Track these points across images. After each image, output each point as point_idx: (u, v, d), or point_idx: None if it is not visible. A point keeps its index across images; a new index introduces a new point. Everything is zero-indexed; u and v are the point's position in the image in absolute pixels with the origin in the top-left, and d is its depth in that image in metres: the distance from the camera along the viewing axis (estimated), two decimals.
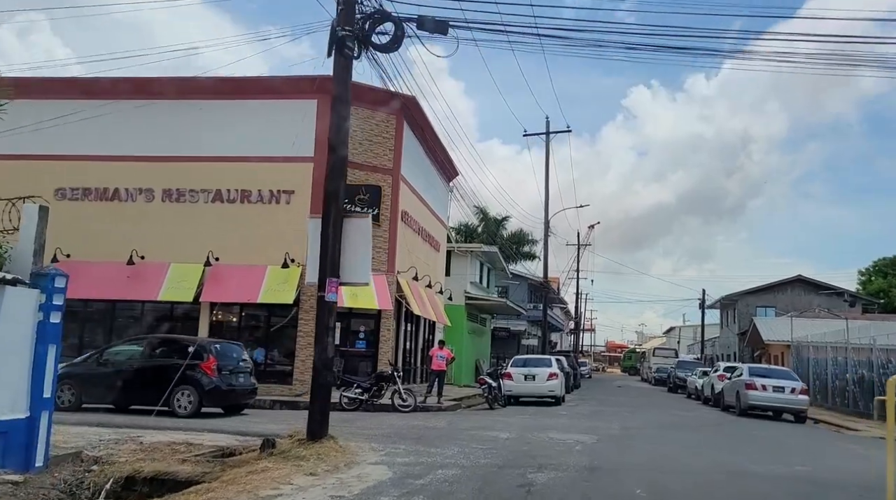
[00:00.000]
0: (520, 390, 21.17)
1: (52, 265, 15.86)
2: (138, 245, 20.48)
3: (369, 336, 21.53)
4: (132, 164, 21.10)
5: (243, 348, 16.03)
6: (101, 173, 21.10)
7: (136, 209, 20.99)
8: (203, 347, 14.54)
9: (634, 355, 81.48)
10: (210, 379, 14.20)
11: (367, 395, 17.03)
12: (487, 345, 39.14)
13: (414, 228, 24.34)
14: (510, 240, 45.67)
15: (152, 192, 20.95)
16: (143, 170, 21.07)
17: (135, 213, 20.97)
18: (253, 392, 15.65)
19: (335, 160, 9.82)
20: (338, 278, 9.58)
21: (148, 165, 21.08)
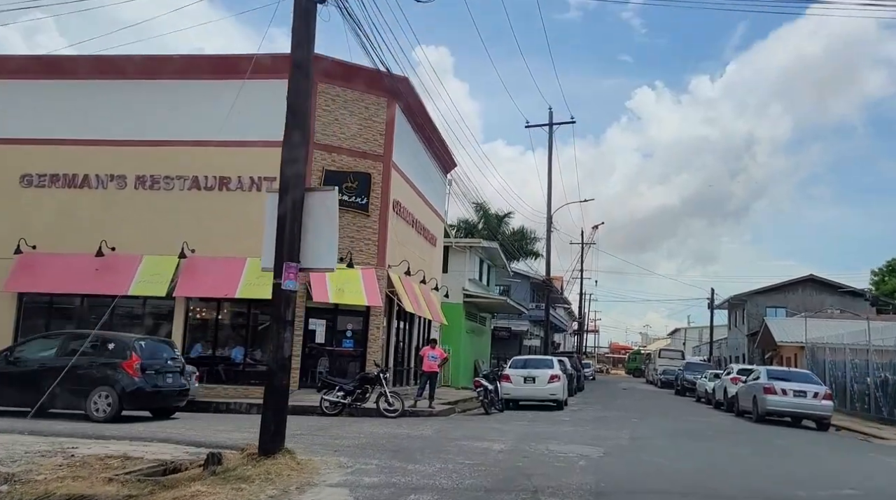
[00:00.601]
0: (519, 393, 19.66)
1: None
2: (109, 236, 19.03)
3: (357, 335, 20.05)
4: (104, 148, 19.65)
5: (174, 346, 14.43)
6: (70, 158, 19.65)
7: (106, 197, 19.54)
8: (125, 344, 13.01)
9: (639, 357, 79.71)
10: (132, 380, 12.62)
11: (350, 398, 15.54)
12: (487, 345, 37.63)
13: (407, 220, 22.85)
14: (513, 237, 44.16)
15: (124, 178, 19.50)
16: (116, 155, 19.62)
17: (106, 201, 19.52)
18: (183, 394, 14.06)
19: (294, 119, 8.31)
20: (297, 263, 8.08)
21: (120, 150, 19.63)
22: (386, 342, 21.36)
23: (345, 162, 19.87)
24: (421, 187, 24.64)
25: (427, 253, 25.89)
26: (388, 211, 20.50)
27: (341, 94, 19.98)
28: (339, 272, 19.29)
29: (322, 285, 18.83)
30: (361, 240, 19.96)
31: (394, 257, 21.09)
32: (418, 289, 23.55)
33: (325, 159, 19.59)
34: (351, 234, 19.79)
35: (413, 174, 23.40)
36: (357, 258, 19.72)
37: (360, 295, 19.27)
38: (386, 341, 21.36)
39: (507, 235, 44.19)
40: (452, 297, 29.76)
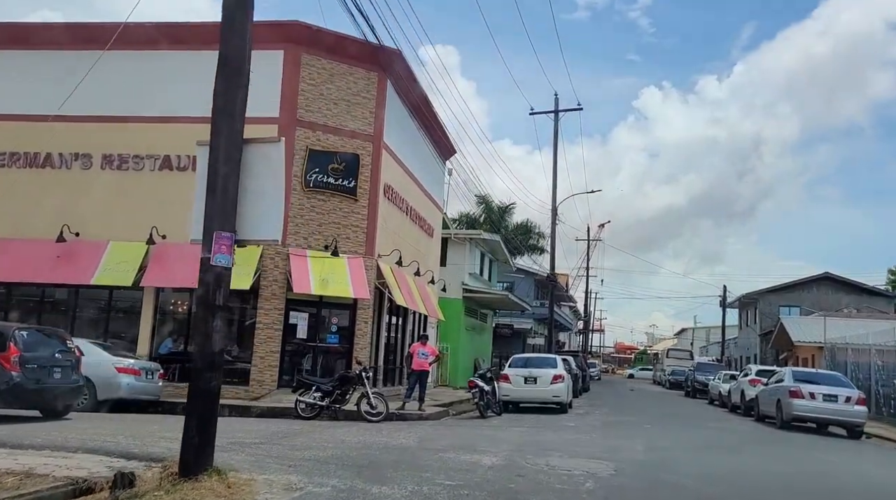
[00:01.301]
0: (519, 394, 17.97)
1: None
2: (72, 220, 17.42)
3: (343, 330, 18.39)
4: (68, 125, 17.98)
5: (66, 337, 12.34)
6: (31, 136, 18.05)
7: (70, 178, 17.93)
8: (2, 333, 11.07)
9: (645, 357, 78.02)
10: (8, 375, 10.78)
11: (329, 400, 13.89)
12: (488, 343, 35.94)
13: (400, 207, 21.17)
14: (517, 231, 42.38)
15: (90, 158, 17.89)
16: (81, 132, 18.00)
17: (69, 182, 17.91)
18: (75, 392, 12.12)
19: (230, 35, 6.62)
20: (232, 233, 6.42)
21: (86, 127, 18.01)
22: (375, 338, 19.72)
23: (331, 141, 18.21)
24: (416, 173, 22.96)
25: (423, 244, 24.22)
26: (377, 195, 18.83)
27: (327, 67, 18.30)
28: (323, 261, 17.66)
29: (304, 275, 17.19)
30: (349, 226, 18.30)
31: (384, 245, 19.43)
32: (412, 282, 21.88)
33: (308, 138, 17.93)
34: (337, 220, 18.14)
35: (407, 158, 21.72)
36: (343, 246, 18.07)
37: (346, 286, 17.62)
38: (375, 337, 19.71)
39: (511, 229, 42.45)
40: (451, 292, 28.09)
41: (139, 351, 17.20)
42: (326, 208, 18.04)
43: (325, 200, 18.04)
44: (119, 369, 13.87)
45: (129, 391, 13.96)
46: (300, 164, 17.75)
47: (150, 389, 14.55)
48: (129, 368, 14.01)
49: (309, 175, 17.82)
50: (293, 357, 17.87)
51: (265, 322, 17.15)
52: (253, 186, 6.49)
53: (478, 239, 30.45)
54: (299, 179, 17.70)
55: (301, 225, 17.68)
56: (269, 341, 17.12)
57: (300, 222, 17.67)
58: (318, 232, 17.90)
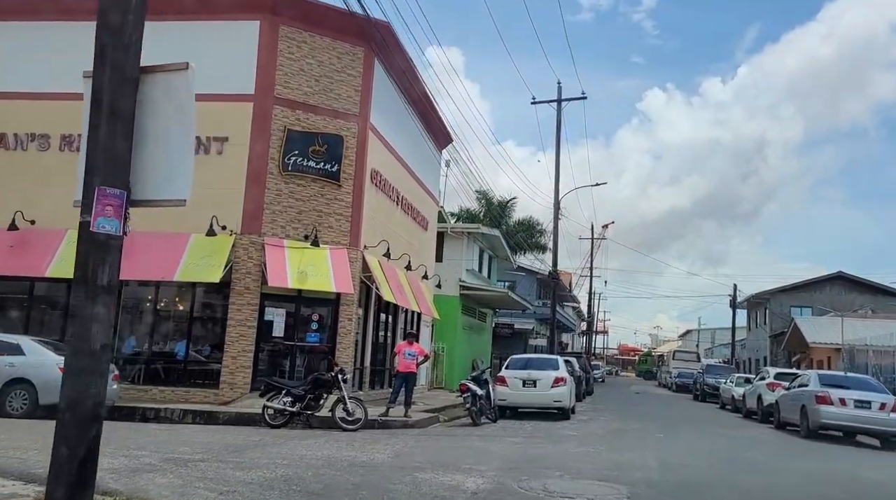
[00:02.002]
0: (516, 399, 16.38)
1: None
2: (28, 206, 15.89)
3: (325, 328, 16.82)
4: (23, 103, 16.51)
5: None
6: None
7: (26, 160, 16.40)
8: None
9: (650, 359, 76.27)
10: None
11: (300, 405, 12.31)
12: (488, 343, 34.33)
13: (390, 196, 19.59)
14: (517, 228, 40.75)
15: (47, 138, 16.35)
16: (38, 110, 16.46)
17: (24, 164, 16.37)
18: None
19: None
20: (124, 190, 4.84)
21: (43, 105, 16.47)
22: (361, 337, 18.14)
23: (312, 122, 16.64)
24: (409, 161, 21.37)
25: (416, 237, 22.64)
26: (363, 181, 17.26)
27: (308, 40, 16.73)
28: (302, 252, 16.10)
29: (280, 267, 15.62)
30: (331, 215, 16.72)
31: (371, 236, 17.85)
32: (403, 277, 20.30)
33: (287, 117, 16.36)
34: (318, 207, 16.56)
35: (398, 143, 20.14)
36: (325, 236, 16.50)
37: (328, 280, 16.04)
38: (361, 335, 18.14)
39: (512, 226, 40.84)
40: (447, 288, 26.49)
41: None
42: (306, 195, 16.48)
43: (304, 186, 16.47)
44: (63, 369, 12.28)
45: None
46: (277, 145, 16.19)
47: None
48: None
49: (287, 158, 16.25)
50: (271, 358, 16.31)
51: (237, 319, 15.58)
52: (153, 130, 4.90)
53: (476, 234, 28.85)
54: (276, 162, 16.14)
55: (278, 212, 16.12)
56: (241, 339, 15.56)
57: (277, 210, 16.11)
58: (297, 220, 16.34)
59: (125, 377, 15.86)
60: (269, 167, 16.07)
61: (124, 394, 15.30)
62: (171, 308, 16.79)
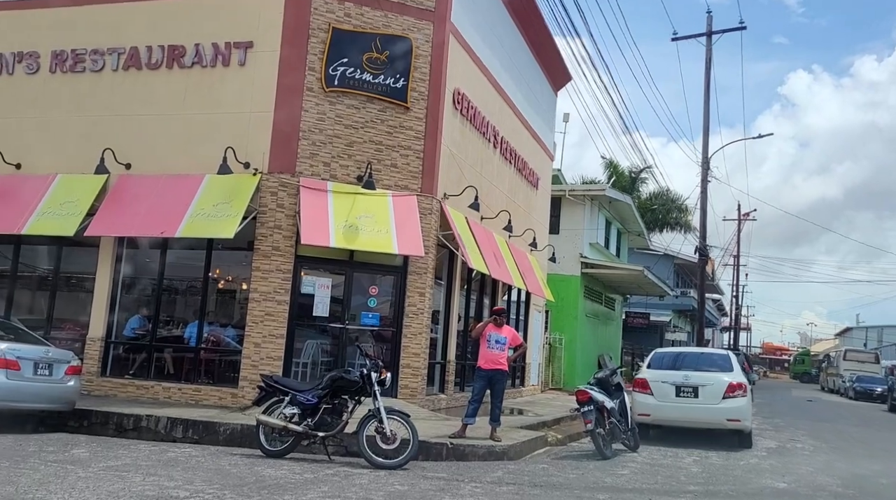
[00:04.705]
0: (666, 414, 10.87)
1: None
2: (12, 146, 12.31)
3: (386, 305, 12.12)
4: (9, 14, 12.96)
5: None
6: None
7: (12, 87, 12.80)
8: None
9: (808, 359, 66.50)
10: None
11: (311, 421, 7.57)
12: (617, 336, 28.51)
13: (482, 132, 14.57)
14: (653, 201, 34.38)
15: (36, 57, 12.64)
16: (25, 22, 12.86)
17: (11, 92, 12.79)
18: None
19: None
20: None
21: (32, 15, 12.84)
22: (444, 320, 13.32)
23: (367, 18, 11.94)
24: (510, 91, 16.24)
25: (521, 194, 17.48)
26: (441, 103, 12.36)
27: None
28: (353, 198, 11.50)
29: (320, 219, 11.04)
30: (395, 148, 11.96)
31: (453, 181, 12.95)
32: (502, 243, 15.26)
33: (332, 12, 11.75)
34: (376, 137, 11.85)
35: (493, 63, 15.07)
36: (386, 178, 11.79)
37: (388, 238, 11.31)
38: (444, 318, 13.31)
39: (645, 200, 34.53)
40: (564, 266, 21.15)
41: (92, 332, 11.76)
42: (360, 120, 11.80)
43: (357, 108, 11.80)
44: None
45: None
46: (319, 52, 11.61)
47: (45, 392, 8.86)
48: None
49: (333, 69, 11.63)
50: (310, 347, 11.79)
51: (262, 291, 11.14)
52: None
53: (602, 198, 23.20)
54: (318, 74, 11.58)
55: (320, 144, 11.55)
56: (267, 319, 11.10)
57: (318, 140, 11.54)
58: (347, 155, 11.70)
59: (124, 368, 11.91)
60: (307, 82, 11.53)
61: (119, 392, 11.40)
62: (182, 277, 12.66)
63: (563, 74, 20.21)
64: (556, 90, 20.58)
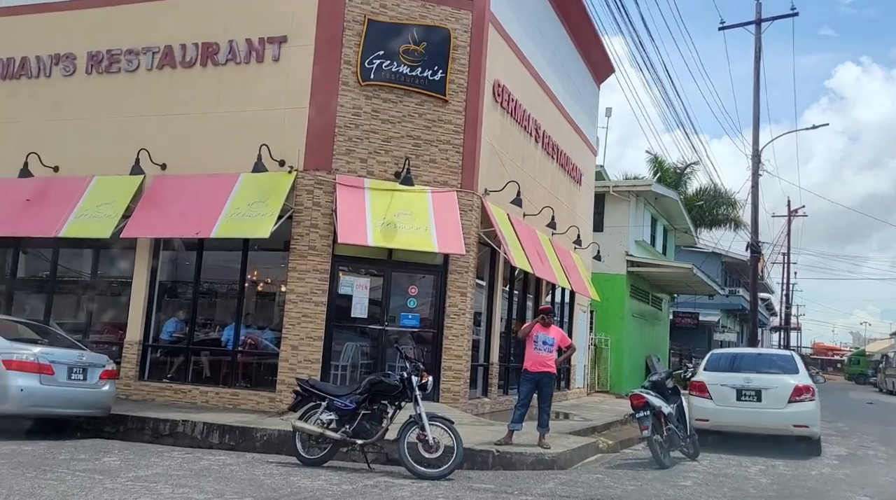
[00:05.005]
0: (725, 419, 10.18)
1: None
2: (49, 148, 12.22)
3: (427, 306, 11.69)
4: (47, 16, 12.91)
5: None
6: (3, 36, 13.11)
7: (50, 89, 12.74)
8: None
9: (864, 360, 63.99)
10: None
11: (349, 427, 7.16)
12: (664, 337, 27.61)
13: (524, 126, 14.05)
14: (700, 196, 33.23)
15: (73, 58, 12.56)
16: (62, 24, 12.80)
17: (49, 95, 12.73)
18: None
19: None
20: None
21: (68, 16, 12.77)
22: (486, 321, 12.83)
23: (404, 9, 11.54)
24: (551, 84, 15.68)
25: (564, 190, 16.88)
26: (481, 95, 11.89)
27: None
28: (391, 195, 11.10)
29: (357, 217, 10.67)
30: (433, 143, 11.53)
31: (494, 176, 12.47)
32: (545, 240, 14.71)
33: (367, 2, 11.39)
34: (414, 132, 11.44)
35: (535, 52, 14.55)
36: (424, 173, 11.37)
37: (428, 236, 10.89)
38: (486, 319, 12.83)
39: (691, 196, 33.41)
40: (609, 264, 20.45)
41: (130, 336, 11.59)
42: (397, 114, 11.41)
43: (394, 102, 11.40)
44: (8, 363, 8.05)
45: (27, 402, 8.12)
46: (354, 44, 11.25)
47: (79, 397, 8.64)
48: (26, 361, 8.15)
49: (368, 62, 11.26)
50: (349, 349, 11.43)
51: (299, 292, 10.81)
52: None
53: (648, 194, 22.42)
54: (353, 68, 11.22)
55: (356, 140, 11.18)
56: (304, 321, 10.77)
57: (354, 136, 11.17)
58: (384, 150, 11.31)
59: (162, 372, 11.71)
60: (342, 76, 11.18)
61: (157, 396, 11.19)
62: (219, 279, 12.42)
63: (606, 67, 19.54)
64: (598, 83, 19.92)
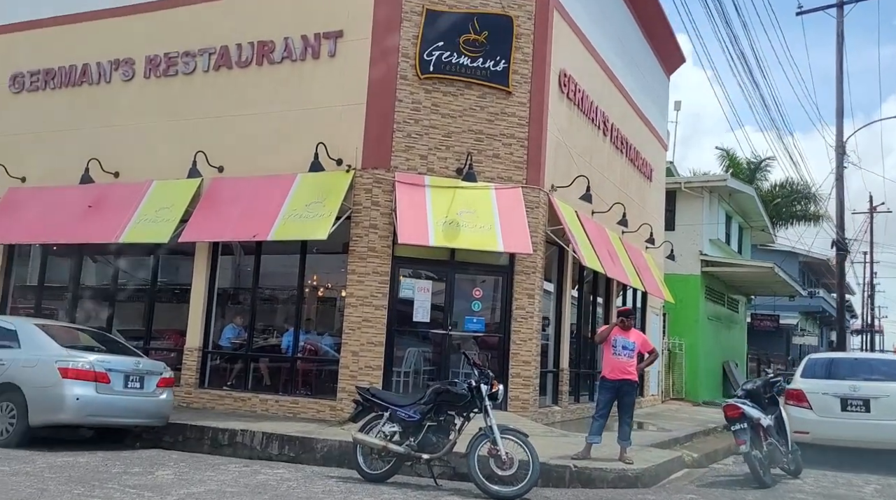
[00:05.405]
0: (830, 432, 9.16)
1: None
2: (109, 154, 12.16)
3: (492, 309, 11.06)
4: (106, 22, 12.89)
5: None
6: (66, 44, 13.17)
7: (110, 95, 12.69)
8: None
9: None
10: None
11: (414, 440, 6.59)
12: (741, 341, 26.15)
13: (590, 117, 13.28)
14: (777, 192, 31.52)
15: (132, 63, 12.47)
16: (120, 29, 12.73)
17: (109, 101, 12.69)
18: None
19: None
20: None
21: (126, 22, 12.70)
22: (555, 325, 12.11)
23: None
24: (619, 73, 14.85)
25: (633, 186, 15.99)
26: (546, 85, 11.22)
27: None
28: (453, 192, 10.53)
29: (418, 216, 10.14)
30: (496, 137, 10.91)
31: (560, 171, 11.75)
32: (616, 239, 13.88)
33: None
34: (476, 126, 10.85)
35: (602, 40, 13.77)
36: (488, 169, 10.77)
37: (492, 235, 10.27)
38: (555, 322, 12.11)
39: (766, 192, 31.71)
40: (682, 264, 19.38)
41: (189, 342, 11.35)
42: (458, 108, 10.84)
43: (455, 95, 10.84)
44: (64, 371, 7.80)
45: (83, 411, 7.86)
46: (412, 36, 10.75)
47: (136, 406, 8.35)
48: (82, 369, 7.89)
49: (427, 54, 10.74)
50: (411, 355, 10.89)
51: (359, 296, 10.34)
52: None
53: (722, 189, 21.20)
54: (412, 61, 10.71)
55: (415, 136, 10.66)
56: (364, 326, 10.29)
57: (413, 132, 10.66)
58: (445, 146, 10.76)
59: (222, 379, 11.44)
60: (400, 69, 10.70)
61: (217, 404, 10.90)
62: (277, 283, 12.08)
63: (677, 56, 18.54)
64: (668, 74, 18.92)
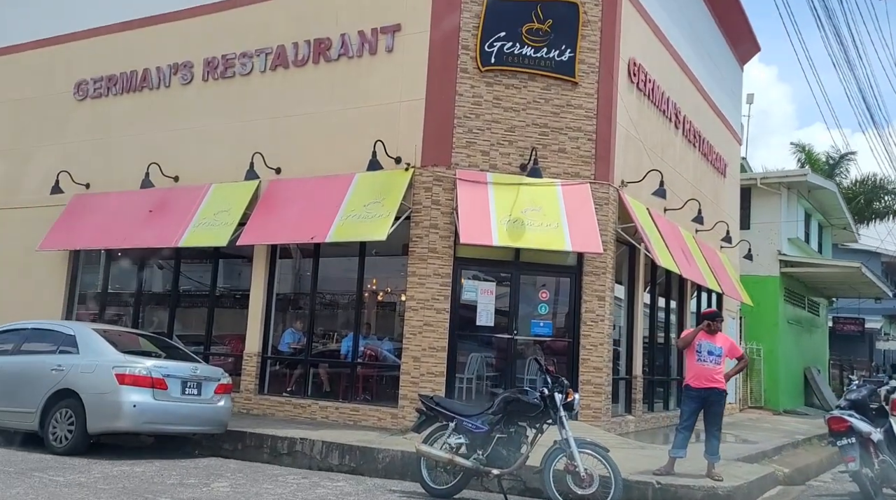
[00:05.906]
0: None
1: None
2: (170, 158, 12.11)
3: (559, 312, 10.47)
4: (164, 27, 12.87)
5: None
6: (126, 50, 13.22)
7: (169, 98, 12.66)
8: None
9: None
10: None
11: (482, 453, 6.09)
12: (822, 346, 24.66)
13: (661, 108, 12.53)
14: (857, 189, 29.72)
15: (190, 67, 12.40)
16: (178, 32, 12.69)
17: (168, 105, 12.66)
18: None
19: None
20: None
21: (184, 25, 12.65)
22: (627, 329, 11.43)
23: None
24: (691, 62, 14.04)
25: (707, 182, 15.10)
26: (615, 75, 10.58)
27: None
28: (517, 189, 10.03)
29: (481, 215, 9.65)
30: (562, 131, 10.33)
31: (630, 165, 11.07)
32: (690, 238, 13.07)
33: None
34: (541, 119, 10.30)
35: (672, 28, 13.02)
36: (553, 164, 10.19)
37: (560, 234, 9.69)
38: (626, 326, 11.42)
39: (846, 189, 29.92)
40: (759, 265, 18.28)
41: (248, 348, 11.14)
42: (521, 101, 10.32)
43: (518, 87, 10.32)
44: (121, 377, 7.61)
45: (140, 418, 7.65)
46: (473, 27, 10.29)
47: (193, 413, 8.10)
48: (139, 375, 7.69)
49: (489, 45, 10.26)
50: (475, 361, 10.39)
51: (419, 299, 9.91)
52: None
53: (801, 186, 19.95)
54: (472, 53, 10.25)
55: (477, 131, 10.18)
56: (426, 330, 9.85)
57: (475, 127, 10.18)
58: (508, 141, 10.24)
59: (281, 385, 11.19)
60: (460, 62, 10.24)
61: (277, 410, 10.65)
62: (336, 287, 11.76)
63: (751, 45, 17.52)
64: (741, 63, 17.92)
